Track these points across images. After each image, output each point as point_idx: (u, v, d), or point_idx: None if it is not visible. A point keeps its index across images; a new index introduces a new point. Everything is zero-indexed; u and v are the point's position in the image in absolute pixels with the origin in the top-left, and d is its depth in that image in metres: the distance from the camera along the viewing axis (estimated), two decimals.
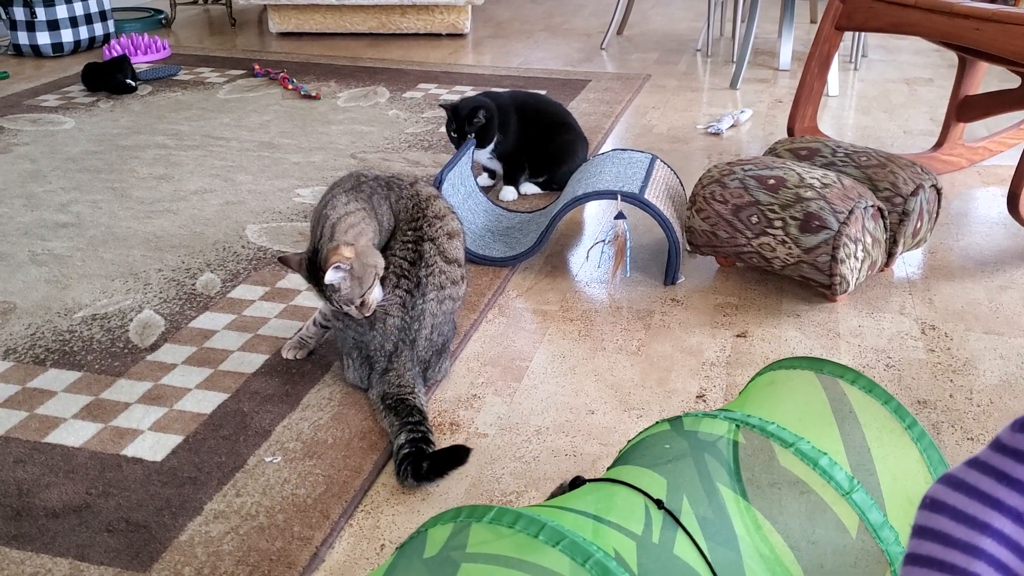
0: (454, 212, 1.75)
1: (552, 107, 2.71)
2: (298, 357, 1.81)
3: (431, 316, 1.65)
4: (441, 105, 2.57)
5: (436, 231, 1.68)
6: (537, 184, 2.66)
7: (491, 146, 2.54)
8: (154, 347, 1.86)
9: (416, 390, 1.60)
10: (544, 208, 2.45)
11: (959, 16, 2.30)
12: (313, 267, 1.59)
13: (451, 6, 4.56)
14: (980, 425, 1.60)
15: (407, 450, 1.46)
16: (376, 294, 1.60)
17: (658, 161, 2.33)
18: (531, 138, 2.60)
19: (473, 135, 2.49)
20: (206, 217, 2.51)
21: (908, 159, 2.18)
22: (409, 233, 1.66)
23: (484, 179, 2.71)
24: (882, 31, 2.48)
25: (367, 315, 1.60)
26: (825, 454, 0.99)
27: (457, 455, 1.45)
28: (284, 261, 1.66)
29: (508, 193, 2.61)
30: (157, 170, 2.86)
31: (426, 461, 1.43)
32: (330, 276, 1.54)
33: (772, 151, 2.32)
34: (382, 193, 1.68)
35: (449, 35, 4.71)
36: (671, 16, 5.33)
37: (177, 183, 2.75)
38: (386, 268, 1.63)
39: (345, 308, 1.59)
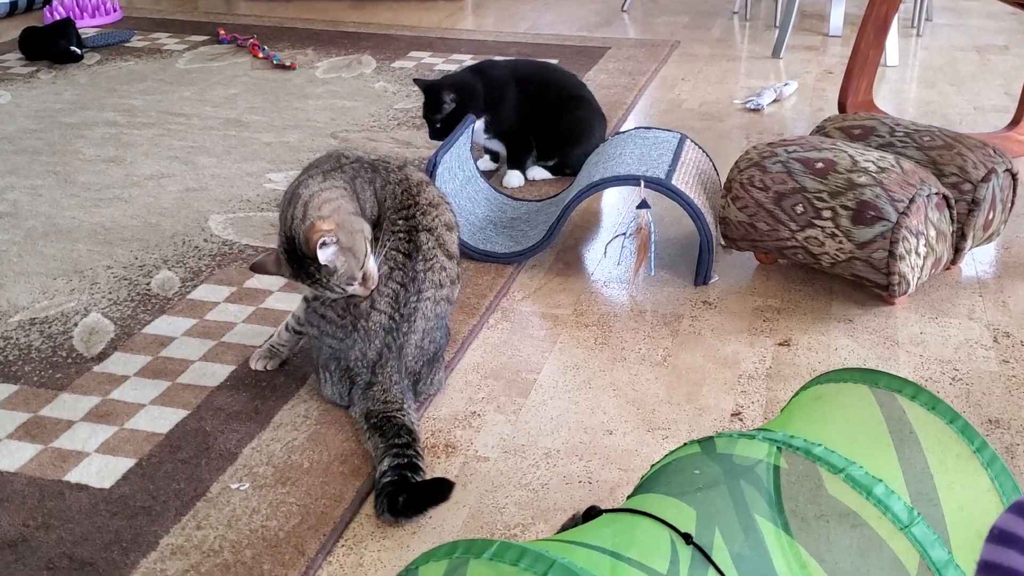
0: (448, 201, 1.75)
1: (564, 79, 2.71)
2: (269, 368, 1.81)
3: (423, 319, 1.65)
4: (415, 81, 2.58)
5: (433, 221, 1.68)
6: (547, 168, 2.67)
7: (481, 127, 2.55)
8: (102, 356, 1.86)
9: (405, 406, 1.60)
10: (555, 196, 2.45)
11: None
12: (295, 257, 1.60)
13: None
14: None
15: (388, 478, 1.47)
16: (373, 262, 1.61)
17: (688, 141, 2.33)
18: (539, 115, 2.60)
19: (441, 121, 2.50)
20: (163, 206, 2.51)
21: (979, 139, 2.18)
22: (400, 223, 1.66)
23: (486, 162, 2.71)
24: None
25: (373, 287, 1.61)
26: (880, 481, 0.99)
27: (439, 490, 1.46)
28: (259, 268, 1.66)
29: (513, 178, 2.61)
30: (106, 151, 2.87)
31: (404, 494, 1.43)
32: (323, 255, 1.54)
33: (821, 130, 2.31)
34: (365, 176, 1.69)
35: None
36: None
37: (129, 166, 2.76)
38: (376, 255, 1.63)
39: (349, 289, 1.60)
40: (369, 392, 1.62)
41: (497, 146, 2.66)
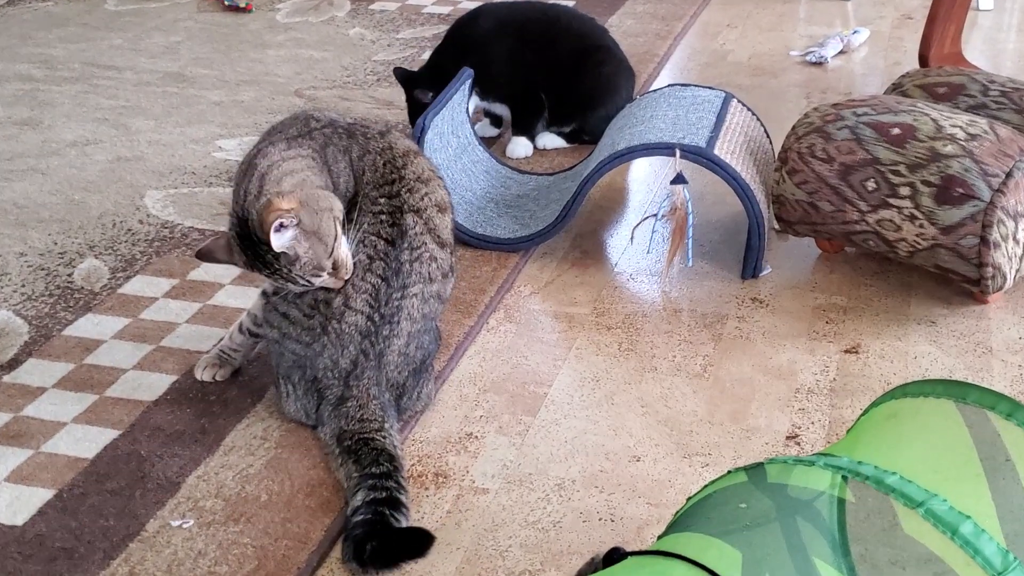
0: (440, 176, 1.75)
1: (581, 25, 2.71)
2: (218, 378, 1.81)
3: (408, 320, 1.65)
4: (394, 72, 2.63)
5: (421, 200, 1.68)
6: (561, 135, 2.67)
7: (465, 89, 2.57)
8: (13, 363, 1.87)
9: (386, 426, 1.61)
10: (571, 168, 2.45)
11: None
12: (249, 242, 1.60)
13: None
14: None
15: (361, 517, 1.47)
16: (345, 247, 1.61)
17: (734, 102, 2.33)
18: (550, 70, 2.60)
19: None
20: (88, 179, 2.52)
21: None
22: (382, 201, 1.67)
23: (485, 127, 2.72)
24: None
25: (347, 278, 1.61)
26: (968, 518, 0.99)
27: (415, 544, 1.46)
28: (206, 255, 1.67)
29: (518, 147, 2.62)
30: (19, 112, 2.87)
31: (374, 541, 1.44)
32: (278, 240, 1.55)
33: (898, 88, 2.31)
34: (339, 144, 1.69)
35: None
36: None
37: (47, 131, 2.76)
38: (355, 246, 1.64)
39: (317, 281, 1.60)
40: (342, 408, 1.62)
41: (500, 109, 2.66)
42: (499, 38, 2.60)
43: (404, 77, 2.61)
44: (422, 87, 2.57)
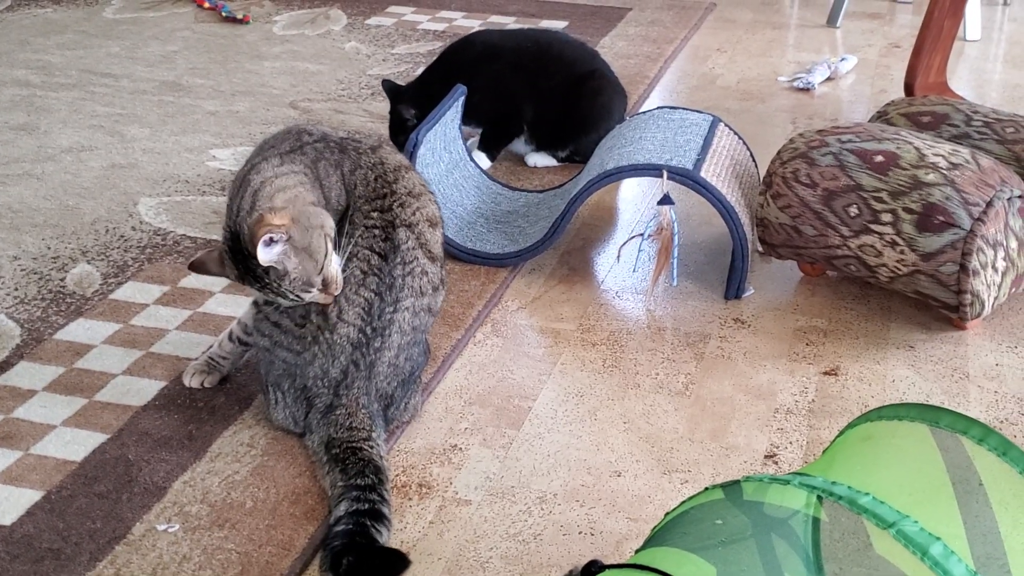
0: (430, 191, 1.76)
1: (573, 51, 2.72)
2: (206, 385, 1.82)
3: (399, 332, 1.67)
4: (383, 84, 2.64)
5: (413, 215, 1.69)
6: (556, 158, 2.68)
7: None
8: (5, 366, 1.87)
9: (373, 436, 1.62)
10: (560, 187, 2.46)
11: None
12: (240, 256, 1.61)
13: None
14: None
15: (342, 527, 1.47)
16: (336, 264, 1.62)
17: (721, 126, 2.35)
18: (543, 97, 2.61)
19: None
20: (83, 185, 2.52)
21: None
22: (374, 216, 1.68)
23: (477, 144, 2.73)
24: None
25: (337, 293, 1.62)
26: (938, 540, 1.00)
27: (392, 565, 1.46)
28: (199, 267, 1.68)
29: (479, 160, 2.60)
30: (15, 117, 2.88)
31: (351, 556, 1.44)
32: (265, 255, 1.56)
33: (882, 116, 2.33)
34: (331, 158, 1.70)
35: None
36: None
37: (43, 136, 2.77)
38: (348, 260, 1.65)
39: (307, 297, 1.61)
40: (331, 416, 1.63)
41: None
42: (489, 65, 2.62)
43: (392, 91, 2.62)
44: (406, 104, 2.58)
